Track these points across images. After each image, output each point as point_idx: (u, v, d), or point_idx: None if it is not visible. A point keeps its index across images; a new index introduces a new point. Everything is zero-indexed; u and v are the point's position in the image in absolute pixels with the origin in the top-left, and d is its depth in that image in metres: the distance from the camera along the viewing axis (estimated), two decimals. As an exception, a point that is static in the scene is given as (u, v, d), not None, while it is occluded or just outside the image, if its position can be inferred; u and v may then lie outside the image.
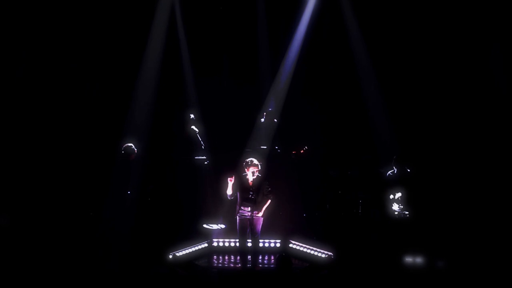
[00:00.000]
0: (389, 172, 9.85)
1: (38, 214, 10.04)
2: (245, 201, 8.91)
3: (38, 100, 10.77)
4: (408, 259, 9.18)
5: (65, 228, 9.82)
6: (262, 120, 10.87)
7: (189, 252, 9.83)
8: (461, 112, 10.90)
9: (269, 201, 8.98)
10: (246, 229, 8.92)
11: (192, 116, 10.81)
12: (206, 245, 10.24)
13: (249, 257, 9.02)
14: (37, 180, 10.45)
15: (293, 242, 10.24)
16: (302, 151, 10.96)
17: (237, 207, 8.97)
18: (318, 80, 11.86)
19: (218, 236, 10.34)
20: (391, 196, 9.62)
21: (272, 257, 9.94)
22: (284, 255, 8.42)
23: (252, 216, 8.82)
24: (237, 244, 9.25)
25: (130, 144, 9.98)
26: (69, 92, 11.03)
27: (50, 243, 9.34)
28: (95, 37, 11.15)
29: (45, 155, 10.69)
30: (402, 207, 9.57)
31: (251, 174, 8.90)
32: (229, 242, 10.28)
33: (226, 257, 10.01)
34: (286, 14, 11.78)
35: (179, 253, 9.58)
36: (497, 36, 10.73)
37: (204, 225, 10.26)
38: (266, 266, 9.55)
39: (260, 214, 8.90)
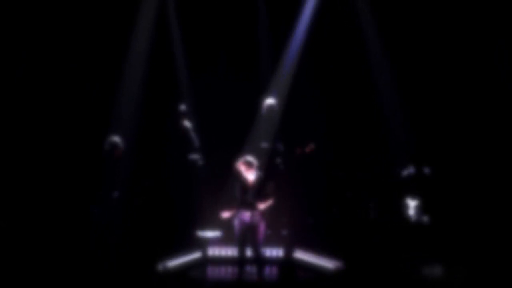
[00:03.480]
0: (405, 172, 9.72)
1: (22, 216, 9.91)
2: (245, 205, 8.34)
3: (36, 100, 10.75)
4: (426, 270, 8.85)
5: (50, 230, 9.68)
6: (263, 112, 10.75)
7: (182, 262, 9.50)
8: (479, 107, 10.75)
9: (270, 201, 8.43)
10: (245, 236, 8.37)
11: (183, 107, 10.54)
12: (200, 254, 9.88)
13: (248, 267, 8.51)
14: (25, 180, 10.32)
15: (297, 250, 9.87)
16: (307, 150, 10.57)
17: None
18: (323, 73, 11.60)
19: (214, 244, 9.99)
20: (407, 200, 9.53)
21: (274, 268, 9.49)
22: (287, 265, 8.19)
23: (252, 223, 8.27)
24: (235, 253, 8.69)
25: (115, 139, 9.68)
26: (65, 90, 10.97)
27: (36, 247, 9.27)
28: (77, 21, 10.97)
29: (35, 155, 10.58)
30: (419, 211, 9.42)
31: (251, 175, 8.38)
32: (226, 251, 9.88)
33: (223, 268, 9.60)
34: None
35: (170, 263, 9.22)
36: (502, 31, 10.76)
37: (199, 232, 9.98)
38: (267, 277, 9.05)
39: (262, 206, 8.31)
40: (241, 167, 8.37)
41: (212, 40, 11.61)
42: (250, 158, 8.45)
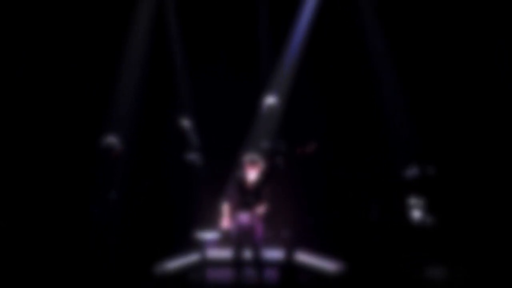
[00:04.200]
0: (408, 173, 9.63)
1: (22, 216, 9.86)
2: (243, 206, 8.28)
3: (36, 100, 10.72)
4: (430, 273, 8.72)
5: (49, 230, 9.62)
6: (263, 111, 10.76)
7: (180, 264, 9.49)
8: (480, 106, 10.64)
9: (264, 206, 8.36)
10: (243, 238, 8.30)
11: (183, 107, 10.64)
12: (199, 256, 9.78)
13: (248, 270, 8.39)
14: (24, 181, 10.27)
15: (298, 252, 9.78)
16: (308, 150, 10.56)
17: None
18: (323, 73, 11.51)
19: (213, 246, 9.93)
20: (411, 201, 9.42)
21: (274, 270, 9.32)
22: (287, 267, 8.21)
23: (250, 224, 8.21)
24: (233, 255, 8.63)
25: (112, 139, 9.70)
26: (65, 90, 10.93)
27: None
28: (76, 20, 10.92)
29: (35, 155, 10.53)
30: (423, 213, 9.32)
31: (251, 175, 8.32)
32: (226, 253, 9.65)
33: (222, 270, 9.46)
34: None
35: (168, 265, 9.23)
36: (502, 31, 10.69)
37: (197, 234, 9.88)
38: (267, 279, 8.88)
39: (261, 210, 8.25)
40: (246, 164, 8.32)
41: (212, 40, 11.55)
42: (255, 156, 8.41)
